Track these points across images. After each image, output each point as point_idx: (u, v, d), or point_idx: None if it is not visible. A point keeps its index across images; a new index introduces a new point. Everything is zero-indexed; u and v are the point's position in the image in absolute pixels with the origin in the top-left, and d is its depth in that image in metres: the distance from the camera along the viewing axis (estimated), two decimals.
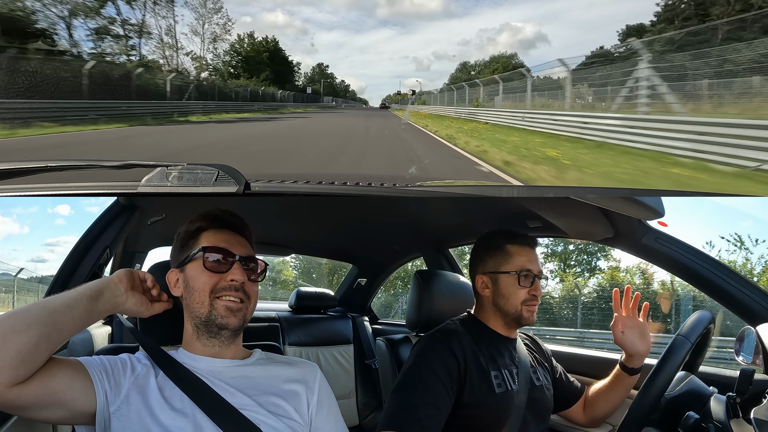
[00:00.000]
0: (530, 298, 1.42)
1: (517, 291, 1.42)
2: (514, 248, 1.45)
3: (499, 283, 1.44)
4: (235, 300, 1.09)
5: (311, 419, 1.12)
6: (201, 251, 1.10)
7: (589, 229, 1.60)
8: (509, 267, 1.43)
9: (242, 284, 1.10)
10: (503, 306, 1.43)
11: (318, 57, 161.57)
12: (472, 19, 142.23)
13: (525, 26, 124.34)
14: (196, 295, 1.09)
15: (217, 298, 1.09)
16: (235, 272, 1.10)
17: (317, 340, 2.70)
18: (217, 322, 1.08)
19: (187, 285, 1.11)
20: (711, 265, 1.47)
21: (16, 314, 0.90)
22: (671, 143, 8.54)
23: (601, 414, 1.56)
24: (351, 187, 1.34)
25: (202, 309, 1.09)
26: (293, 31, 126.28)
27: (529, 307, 1.42)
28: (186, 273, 1.12)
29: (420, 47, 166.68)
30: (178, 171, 1.14)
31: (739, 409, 1.18)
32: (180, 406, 1.01)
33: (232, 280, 1.09)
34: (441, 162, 9.65)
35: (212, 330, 1.10)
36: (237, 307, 1.09)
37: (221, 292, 1.09)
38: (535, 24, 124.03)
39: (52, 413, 0.94)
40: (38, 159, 1.25)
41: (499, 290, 1.44)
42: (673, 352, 1.26)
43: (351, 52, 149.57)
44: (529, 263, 1.43)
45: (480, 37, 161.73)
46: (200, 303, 1.09)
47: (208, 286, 1.09)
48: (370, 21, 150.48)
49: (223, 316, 1.08)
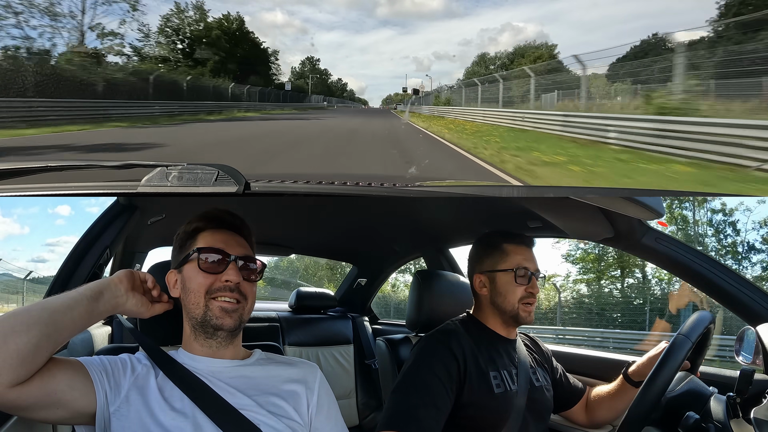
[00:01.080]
0: (527, 295, 1.43)
1: (514, 289, 1.42)
2: (511, 247, 1.46)
3: (497, 281, 1.45)
4: (231, 301, 1.09)
5: (311, 419, 1.12)
6: (196, 252, 1.10)
7: (589, 229, 1.60)
8: (506, 265, 1.44)
9: (237, 284, 1.09)
10: (501, 304, 1.44)
11: (318, 56, 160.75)
12: (473, 20, 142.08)
13: (527, 26, 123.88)
14: (191, 295, 1.09)
15: (213, 299, 1.08)
16: (230, 273, 1.09)
17: (317, 340, 2.70)
18: (212, 322, 1.08)
19: (184, 286, 1.11)
20: (711, 265, 1.47)
21: (17, 315, 0.91)
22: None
23: (603, 419, 1.57)
24: (351, 187, 1.34)
25: (197, 310, 1.09)
26: (293, 31, 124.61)
27: (526, 306, 1.43)
28: (183, 274, 1.12)
29: (420, 47, 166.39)
30: (178, 171, 1.14)
31: (739, 409, 1.18)
32: (180, 407, 1.01)
33: (227, 280, 1.09)
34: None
35: (208, 331, 1.10)
36: (232, 308, 1.09)
37: (216, 292, 1.08)
38: (536, 24, 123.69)
39: (52, 413, 0.94)
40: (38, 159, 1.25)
41: (497, 288, 1.45)
42: (674, 352, 1.26)
43: (351, 52, 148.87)
44: (525, 261, 1.44)
45: (481, 37, 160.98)
46: (196, 304, 1.09)
47: (203, 287, 1.08)
48: (371, 21, 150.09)
49: (218, 317, 1.08)
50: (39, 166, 1.23)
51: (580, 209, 1.39)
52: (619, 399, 1.50)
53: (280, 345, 1.71)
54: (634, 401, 1.26)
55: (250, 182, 1.14)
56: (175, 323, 1.17)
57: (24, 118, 14.94)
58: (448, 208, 1.96)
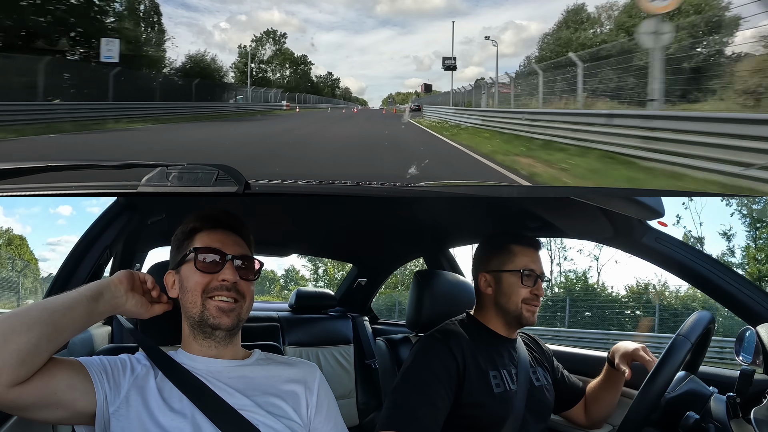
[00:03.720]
0: (532, 297, 1.43)
1: (519, 290, 1.43)
2: (519, 248, 1.46)
3: (502, 281, 1.45)
4: (228, 300, 1.09)
5: (310, 420, 1.12)
6: (193, 252, 1.10)
7: (589, 229, 1.60)
8: (513, 266, 1.44)
9: (234, 284, 1.09)
10: (504, 304, 1.44)
11: (318, 57, 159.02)
12: (473, 19, 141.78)
13: (530, 24, 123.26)
14: (189, 295, 1.10)
15: (209, 299, 1.09)
16: (227, 272, 1.09)
17: (317, 340, 2.70)
18: (210, 322, 1.08)
19: (182, 286, 1.11)
20: (711, 265, 1.47)
21: (17, 315, 0.90)
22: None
23: (600, 415, 1.56)
24: (351, 187, 1.35)
25: (194, 309, 1.09)
26: (291, 30, 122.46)
27: (529, 307, 1.43)
28: (181, 274, 1.12)
29: (421, 47, 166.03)
30: (178, 171, 1.14)
31: (739, 409, 1.18)
32: (179, 407, 1.01)
33: (224, 279, 1.09)
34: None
35: (206, 330, 1.10)
36: (229, 307, 1.09)
37: (213, 292, 1.09)
38: (539, 22, 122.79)
39: (51, 413, 0.94)
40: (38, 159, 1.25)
41: (502, 289, 1.45)
42: (673, 352, 1.26)
43: (351, 52, 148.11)
44: (532, 263, 1.45)
45: (483, 36, 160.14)
46: (193, 303, 1.09)
47: (200, 286, 1.09)
48: (370, 21, 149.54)
49: (215, 317, 1.08)
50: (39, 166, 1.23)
51: (580, 209, 1.39)
52: (609, 388, 1.50)
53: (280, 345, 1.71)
54: (634, 401, 1.26)
55: (249, 182, 1.14)
56: (174, 324, 1.17)
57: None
58: (448, 208, 1.96)
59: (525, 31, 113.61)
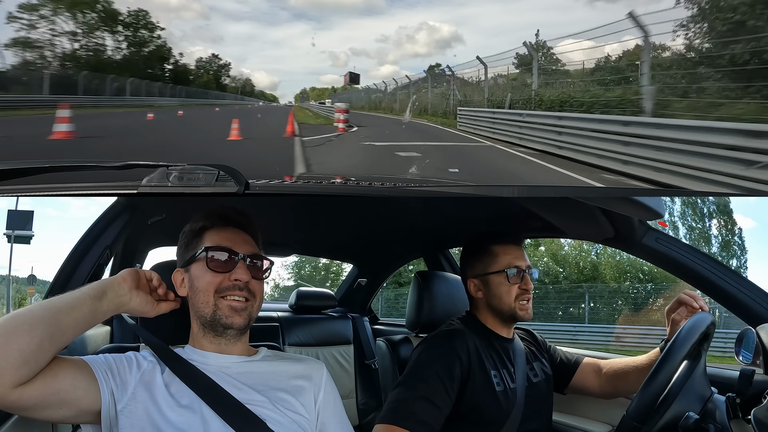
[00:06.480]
0: (522, 293, 1.44)
1: (508, 289, 1.44)
2: (499, 248, 1.48)
3: (490, 283, 1.46)
4: (240, 299, 1.09)
5: (318, 413, 1.12)
6: (204, 251, 1.10)
7: (589, 229, 1.60)
8: (497, 267, 1.46)
9: (246, 283, 1.09)
10: (497, 306, 1.45)
11: (225, 50, 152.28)
12: (389, 18, 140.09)
13: (442, 26, 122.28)
14: (200, 295, 1.09)
15: (222, 298, 1.08)
16: (239, 271, 1.09)
17: (317, 341, 2.70)
18: (222, 321, 1.08)
19: (192, 285, 1.11)
20: (711, 266, 1.47)
21: (20, 315, 0.90)
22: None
23: (625, 391, 1.49)
24: (351, 187, 1.35)
25: (206, 309, 1.09)
26: (191, 15, 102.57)
27: (522, 303, 1.44)
28: (191, 273, 1.12)
29: (337, 43, 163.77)
30: (179, 171, 1.14)
31: (739, 409, 1.18)
32: (187, 402, 1.01)
33: (236, 279, 1.08)
34: None
35: (218, 329, 1.10)
36: (242, 307, 1.09)
37: (225, 291, 1.08)
38: (451, 24, 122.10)
39: (55, 413, 0.94)
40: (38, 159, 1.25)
41: (491, 291, 1.46)
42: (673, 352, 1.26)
43: (263, 45, 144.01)
44: (515, 260, 1.46)
45: (399, 34, 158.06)
46: (205, 303, 1.09)
47: (212, 286, 1.08)
48: (284, 13, 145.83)
49: (227, 316, 1.08)
50: (39, 166, 1.23)
51: (580, 209, 1.39)
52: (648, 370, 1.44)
53: (280, 345, 1.71)
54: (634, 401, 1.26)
55: (249, 182, 1.14)
56: (179, 322, 1.17)
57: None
58: (448, 209, 1.96)
59: (438, 32, 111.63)
